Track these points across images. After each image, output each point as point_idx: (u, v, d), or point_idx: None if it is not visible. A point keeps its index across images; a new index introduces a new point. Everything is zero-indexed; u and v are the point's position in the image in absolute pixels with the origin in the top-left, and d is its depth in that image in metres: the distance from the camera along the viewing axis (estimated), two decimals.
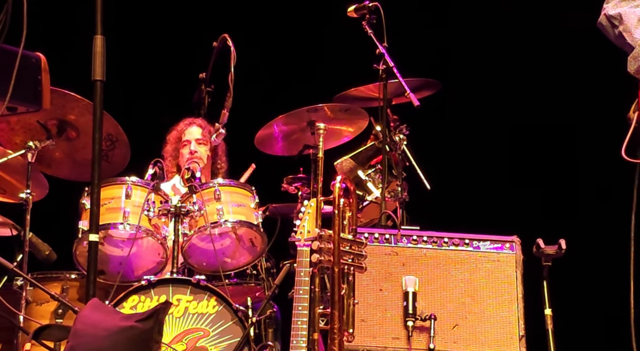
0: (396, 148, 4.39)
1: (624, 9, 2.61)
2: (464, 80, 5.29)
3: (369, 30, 4.31)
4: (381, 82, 4.29)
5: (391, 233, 3.75)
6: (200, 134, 4.35)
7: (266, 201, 4.15)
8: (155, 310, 2.38)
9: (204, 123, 4.39)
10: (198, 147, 4.34)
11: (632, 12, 2.59)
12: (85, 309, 2.52)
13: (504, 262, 3.72)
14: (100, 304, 2.65)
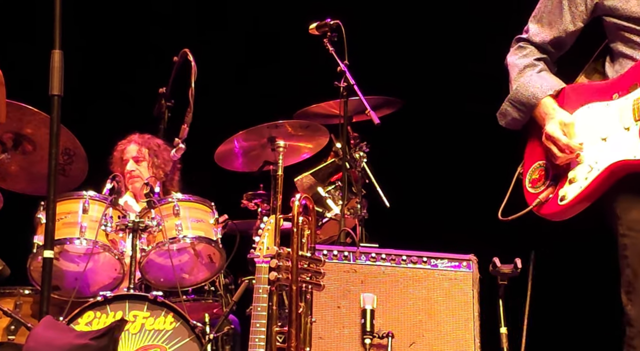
0: (356, 165, 4.41)
1: (513, 58, 2.63)
2: (425, 98, 5.34)
3: (330, 48, 4.33)
4: (342, 99, 4.32)
5: (350, 250, 3.76)
6: (136, 152, 4.34)
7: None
8: (110, 328, 2.36)
9: (142, 140, 4.38)
10: (135, 165, 4.32)
11: (515, 65, 2.60)
12: (38, 326, 2.48)
13: (461, 280, 3.75)
14: (54, 321, 2.61)
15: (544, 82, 2.55)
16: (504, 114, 2.63)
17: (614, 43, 2.50)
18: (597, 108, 2.45)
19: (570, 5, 2.53)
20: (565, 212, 2.49)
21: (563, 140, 2.44)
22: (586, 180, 2.42)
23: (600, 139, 2.42)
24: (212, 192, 4.37)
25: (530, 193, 2.57)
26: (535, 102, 2.52)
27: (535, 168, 2.57)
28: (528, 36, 2.62)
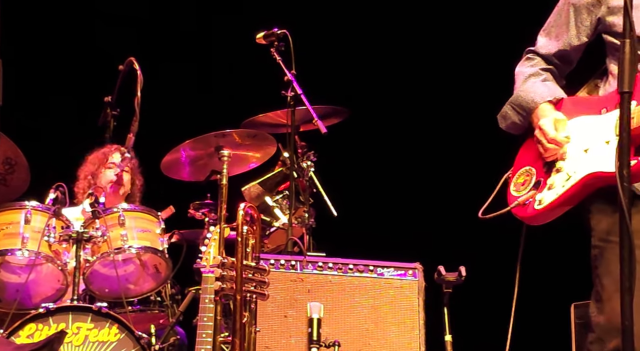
0: (304, 174, 4.41)
1: (521, 68, 2.70)
2: (372, 108, 5.38)
3: (278, 57, 4.34)
4: (289, 108, 4.32)
5: (297, 259, 3.76)
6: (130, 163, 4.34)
7: (172, 227, 4.11)
8: (50, 340, 2.33)
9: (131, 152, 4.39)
10: (124, 174, 4.32)
11: (522, 73, 2.68)
12: None
13: (406, 289, 3.77)
14: None
15: (545, 89, 2.62)
16: (505, 117, 2.69)
17: (609, 61, 2.59)
18: (585, 121, 2.54)
19: (577, 20, 2.60)
20: (541, 216, 2.56)
21: (551, 133, 2.51)
22: (563, 187, 2.49)
23: (583, 150, 2.50)
24: (158, 202, 4.34)
25: (513, 196, 2.63)
26: (533, 106, 2.59)
27: (522, 173, 2.64)
28: (536, 48, 2.71)
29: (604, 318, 2.42)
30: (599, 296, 2.45)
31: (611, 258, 2.40)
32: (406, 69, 5.45)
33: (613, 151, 2.37)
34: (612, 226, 2.41)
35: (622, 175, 2.16)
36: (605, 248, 2.44)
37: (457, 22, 5.35)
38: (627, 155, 2.16)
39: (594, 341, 2.44)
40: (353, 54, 5.47)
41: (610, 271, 2.40)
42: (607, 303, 2.41)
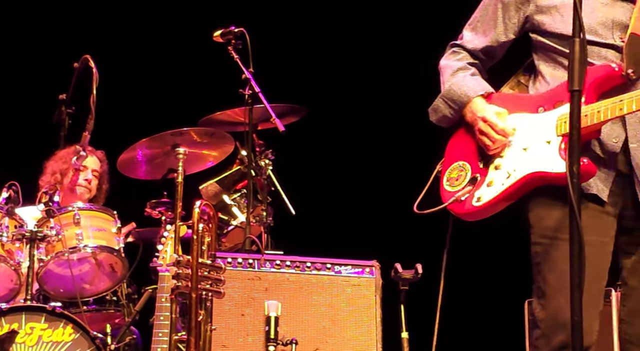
0: (262, 173, 4.41)
1: (447, 61, 2.69)
2: (330, 106, 5.39)
3: (235, 56, 4.32)
4: (247, 107, 4.32)
5: (255, 257, 3.76)
6: (99, 167, 4.30)
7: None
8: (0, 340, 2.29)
9: (103, 157, 4.33)
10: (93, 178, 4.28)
11: (449, 66, 2.67)
12: None
13: (364, 286, 3.79)
14: None
15: (476, 83, 2.62)
16: (436, 110, 2.68)
17: (537, 60, 2.58)
18: (522, 119, 2.53)
19: (505, 16, 2.60)
20: (479, 213, 2.55)
21: (500, 124, 2.50)
22: (503, 185, 2.49)
23: (522, 149, 2.49)
24: (115, 200, 4.30)
25: (447, 191, 2.62)
26: (466, 99, 2.58)
27: (455, 168, 2.63)
28: (462, 42, 2.69)
29: (549, 315, 2.41)
30: (542, 293, 2.44)
31: (555, 255, 2.40)
32: (364, 67, 5.47)
33: (555, 151, 2.41)
34: (554, 223, 2.42)
35: (572, 172, 2.19)
36: (548, 244, 2.43)
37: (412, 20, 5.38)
38: (577, 152, 2.19)
39: (539, 338, 2.44)
40: (311, 52, 5.48)
41: (554, 268, 2.40)
42: (552, 299, 2.40)
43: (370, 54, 5.46)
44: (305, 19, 5.51)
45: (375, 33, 5.46)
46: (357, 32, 5.50)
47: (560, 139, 2.42)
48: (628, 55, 2.39)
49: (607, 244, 2.43)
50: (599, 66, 2.42)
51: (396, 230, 5.07)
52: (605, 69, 2.40)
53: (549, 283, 2.42)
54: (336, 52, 5.49)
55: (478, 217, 2.57)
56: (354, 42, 5.49)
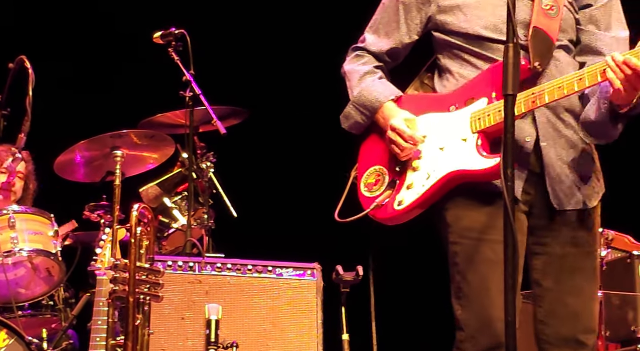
0: (203, 176, 4.39)
1: (352, 65, 2.67)
2: (272, 108, 5.39)
3: (176, 57, 4.30)
4: (188, 109, 4.29)
5: (195, 261, 3.73)
6: (24, 169, 4.21)
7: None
8: None
9: (28, 158, 4.24)
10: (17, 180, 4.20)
11: (356, 71, 2.65)
12: None
13: (305, 289, 3.79)
14: None
15: (386, 88, 2.61)
16: (347, 117, 2.66)
17: (443, 59, 2.58)
18: (435, 119, 2.53)
19: (407, 18, 2.59)
20: (402, 216, 2.54)
21: (408, 131, 2.49)
22: (423, 187, 2.48)
23: (439, 148, 2.49)
24: (52, 204, 4.23)
25: (366, 197, 2.59)
26: (378, 105, 2.57)
27: (372, 173, 2.61)
28: (365, 45, 2.67)
29: (474, 316, 2.41)
30: (462, 294, 2.43)
31: (475, 256, 2.41)
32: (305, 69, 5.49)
33: (472, 149, 2.43)
34: (473, 223, 2.42)
35: (506, 175, 2.22)
36: (468, 245, 2.43)
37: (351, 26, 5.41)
38: (511, 155, 2.22)
39: (464, 340, 2.43)
40: (253, 54, 5.48)
41: (476, 269, 2.40)
42: (476, 300, 2.40)
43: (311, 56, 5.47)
44: (247, 21, 5.51)
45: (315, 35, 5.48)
46: (298, 34, 5.51)
47: (477, 136, 2.43)
48: (533, 48, 2.42)
49: (522, 242, 2.44)
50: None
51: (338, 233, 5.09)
52: None
53: (470, 284, 2.42)
54: (278, 55, 5.50)
55: (401, 221, 2.56)
56: (296, 45, 5.50)
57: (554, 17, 2.46)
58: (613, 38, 2.50)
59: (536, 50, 2.42)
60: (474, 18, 2.48)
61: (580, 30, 2.52)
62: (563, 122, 2.48)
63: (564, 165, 2.46)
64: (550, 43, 2.44)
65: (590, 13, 2.52)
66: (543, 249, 2.49)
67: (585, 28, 2.52)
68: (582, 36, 2.52)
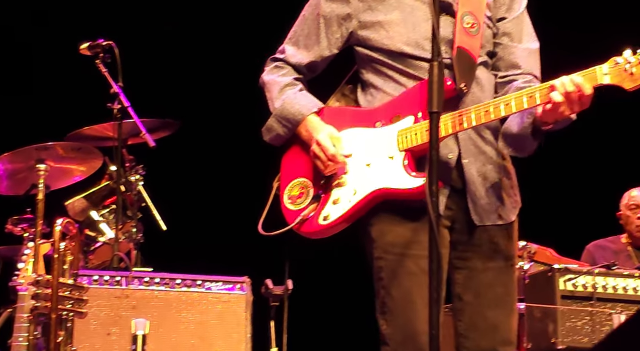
0: (132, 188, 4.33)
1: (272, 77, 2.65)
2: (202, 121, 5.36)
3: (104, 69, 4.24)
4: (116, 121, 4.23)
5: (123, 275, 3.69)
6: None
7: None
8: None
9: None
10: None
11: (276, 83, 2.63)
12: None
13: (234, 303, 3.77)
14: None
15: (308, 101, 2.59)
16: (270, 130, 2.63)
17: (366, 73, 2.58)
18: (361, 134, 2.53)
19: (327, 31, 2.58)
20: (327, 231, 2.51)
21: (332, 149, 2.47)
22: (350, 202, 2.48)
23: (365, 165, 2.49)
24: None
25: (290, 210, 2.55)
26: (301, 118, 2.55)
27: (295, 185, 2.57)
28: (285, 57, 2.64)
29: (398, 331, 2.42)
30: (387, 309, 2.44)
31: (399, 271, 2.42)
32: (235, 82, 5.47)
33: (399, 167, 2.44)
34: (398, 238, 2.44)
35: (431, 191, 2.24)
36: (392, 260, 2.44)
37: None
38: (435, 172, 2.25)
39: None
40: (183, 67, 5.44)
41: (400, 284, 2.41)
42: (401, 315, 2.42)
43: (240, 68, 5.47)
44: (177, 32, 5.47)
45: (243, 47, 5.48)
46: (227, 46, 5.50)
47: (404, 155, 2.44)
48: (459, 69, 2.45)
49: (445, 256, 2.47)
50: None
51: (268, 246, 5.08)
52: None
53: (395, 299, 2.43)
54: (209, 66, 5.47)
55: (326, 236, 2.54)
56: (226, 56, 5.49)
57: (475, 35, 2.49)
58: (526, 50, 2.56)
59: (461, 71, 2.45)
60: (395, 34, 2.50)
61: (496, 44, 2.57)
62: (483, 139, 2.51)
63: (484, 181, 2.50)
64: (473, 62, 2.48)
65: (504, 26, 2.57)
66: (464, 263, 2.52)
67: (500, 41, 2.56)
68: (497, 49, 2.57)
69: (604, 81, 2.27)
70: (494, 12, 2.56)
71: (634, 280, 4.02)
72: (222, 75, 5.49)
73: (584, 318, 3.90)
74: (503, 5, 2.57)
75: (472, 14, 2.50)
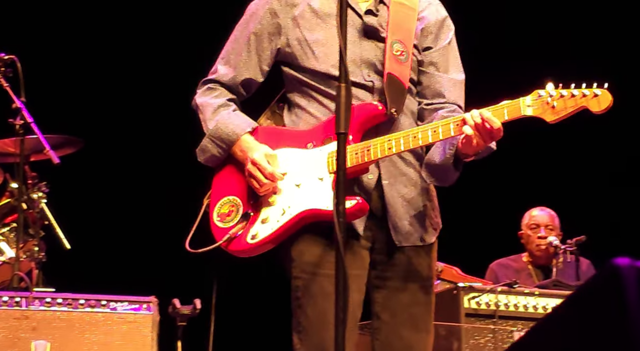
0: (34, 206, 4.24)
1: (205, 98, 2.65)
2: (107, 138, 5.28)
3: (5, 84, 4.13)
4: (18, 137, 4.12)
5: (22, 295, 3.59)
6: None
7: None
8: None
9: None
10: None
11: (209, 104, 2.63)
12: None
13: (140, 323, 3.71)
14: None
15: (242, 120, 2.60)
16: (204, 150, 2.62)
17: (291, 93, 2.61)
18: (292, 154, 2.54)
19: (258, 48, 2.60)
20: (254, 250, 2.53)
21: (269, 168, 2.49)
22: (278, 222, 2.49)
23: (295, 185, 2.51)
24: None
25: (219, 227, 2.56)
26: (235, 138, 2.56)
27: (225, 203, 2.58)
28: (217, 77, 2.65)
29: (312, 350, 2.44)
30: (302, 328, 2.47)
31: (315, 290, 2.45)
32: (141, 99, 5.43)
33: (327, 189, 2.46)
34: (314, 258, 2.47)
35: (338, 212, 2.27)
36: (308, 279, 2.47)
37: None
38: (343, 192, 2.27)
39: None
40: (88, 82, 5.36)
41: (315, 303, 2.44)
42: (315, 334, 2.44)
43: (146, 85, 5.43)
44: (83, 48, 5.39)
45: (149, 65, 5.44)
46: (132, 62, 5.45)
47: (333, 176, 2.45)
48: (389, 95, 2.49)
49: (362, 277, 2.50)
50: (365, 104, 2.50)
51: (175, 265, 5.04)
52: (372, 108, 2.50)
53: (309, 318, 2.45)
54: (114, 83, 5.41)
55: (253, 254, 2.56)
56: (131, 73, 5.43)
57: (404, 62, 2.55)
58: (451, 80, 2.62)
59: (391, 97, 2.50)
60: (321, 55, 2.53)
61: (422, 72, 2.62)
62: (404, 161, 2.56)
63: (404, 202, 2.54)
64: (402, 88, 2.53)
65: (431, 55, 2.62)
66: (383, 283, 2.55)
67: (426, 69, 2.62)
68: (422, 77, 2.62)
69: (527, 112, 2.34)
70: (420, 40, 2.62)
71: (533, 298, 4.14)
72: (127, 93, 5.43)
73: (486, 335, 3.99)
74: (430, 34, 2.63)
75: (401, 41, 2.55)
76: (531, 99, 2.34)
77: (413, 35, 2.58)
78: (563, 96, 2.30)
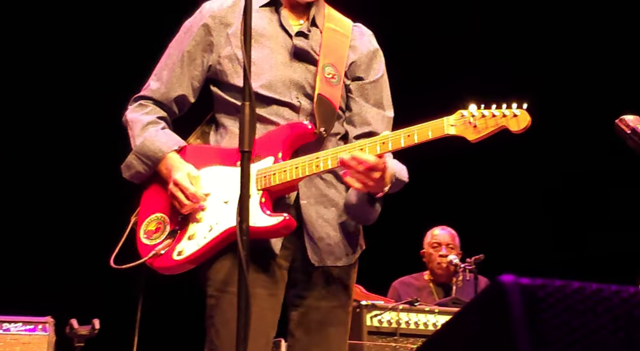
0: None
1: (135, 114, 2.65)
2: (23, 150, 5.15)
3: None
4: None
5: None
6: None
7: None
8: None
9: None
10: None
11: (138, 121, 2.62)
12: None
13: (35, 344, 3.64)
14: None
15: (169, 138, 2.58)
16: (129, 167, 2.59)
17: (219, 113, 2.61)
18: (221, 172, 2.54)
19: (191, 66, 2.60)
20: (180, 267, 2.52)
21: (191, 189, 2.48)
22: (205, 238, 2.48)
23: (223, 202, 2.50)
24: None
25: (145, 244, 2.54)
26: (161, 155, 2.54)
27: (152, 220, 2.57)
28: (149, 93, 2.64)
29: None
30: (214, 346, 2.46)
31: (226, 308, 2.44)
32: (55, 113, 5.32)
33: (255, 206, 2.44)
34: (225, 275, 2.47)
35: (241, 230, 2.26)
36: (221, 297, 2.47)
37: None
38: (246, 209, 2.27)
39: None
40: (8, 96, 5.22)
41: (227, 321, 2.42)
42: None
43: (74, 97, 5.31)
44: None
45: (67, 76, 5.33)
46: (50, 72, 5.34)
47: (261, 193, 2.47)
48: (319, 115, 2.53)
49: (277, 296, 2.50)
50: (295, 123, 2.53)
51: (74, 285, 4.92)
52: (301, 127, 2.52)
53: (221, 337, 2.44)
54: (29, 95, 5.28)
55: (179, 271, 2.54)
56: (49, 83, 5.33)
57: (336, 85, 2.59)
58: (379, 113, 2.66)
59: (321, 117, 2.53)
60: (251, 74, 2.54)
61: (351, 99, 2.66)
62: (325, 181, 2.58)
63: (324, 223, 2.55)
64: (333, 109, 2.56)
65: (362, 86, 2.66)
66: (301, 302, 2.56)
67: (356, 98, 2.66)
68: (352, 104, 2.65)
69: (449, 131, 2.38)
70: (352, 68, 2.65)
71: (434, 316, 4.22)
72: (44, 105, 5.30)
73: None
74: (362, 64, 2.66)
75: (333, 65, 2.59)
76: (454, 119, 2.38)
77: (345, 61, 2.63)
78: (484, 116, 2.35)
